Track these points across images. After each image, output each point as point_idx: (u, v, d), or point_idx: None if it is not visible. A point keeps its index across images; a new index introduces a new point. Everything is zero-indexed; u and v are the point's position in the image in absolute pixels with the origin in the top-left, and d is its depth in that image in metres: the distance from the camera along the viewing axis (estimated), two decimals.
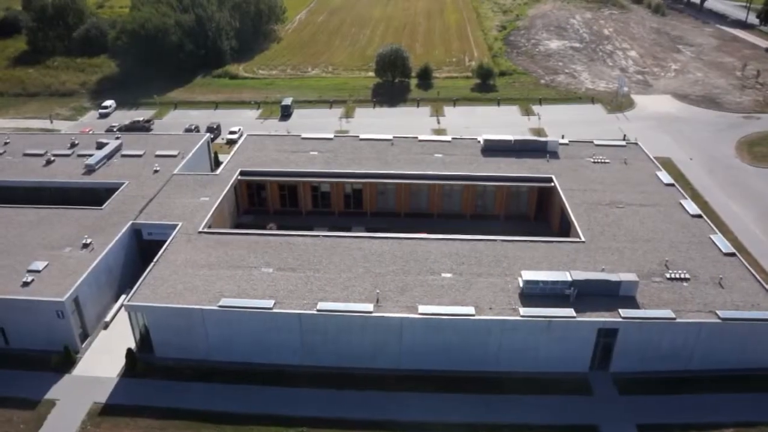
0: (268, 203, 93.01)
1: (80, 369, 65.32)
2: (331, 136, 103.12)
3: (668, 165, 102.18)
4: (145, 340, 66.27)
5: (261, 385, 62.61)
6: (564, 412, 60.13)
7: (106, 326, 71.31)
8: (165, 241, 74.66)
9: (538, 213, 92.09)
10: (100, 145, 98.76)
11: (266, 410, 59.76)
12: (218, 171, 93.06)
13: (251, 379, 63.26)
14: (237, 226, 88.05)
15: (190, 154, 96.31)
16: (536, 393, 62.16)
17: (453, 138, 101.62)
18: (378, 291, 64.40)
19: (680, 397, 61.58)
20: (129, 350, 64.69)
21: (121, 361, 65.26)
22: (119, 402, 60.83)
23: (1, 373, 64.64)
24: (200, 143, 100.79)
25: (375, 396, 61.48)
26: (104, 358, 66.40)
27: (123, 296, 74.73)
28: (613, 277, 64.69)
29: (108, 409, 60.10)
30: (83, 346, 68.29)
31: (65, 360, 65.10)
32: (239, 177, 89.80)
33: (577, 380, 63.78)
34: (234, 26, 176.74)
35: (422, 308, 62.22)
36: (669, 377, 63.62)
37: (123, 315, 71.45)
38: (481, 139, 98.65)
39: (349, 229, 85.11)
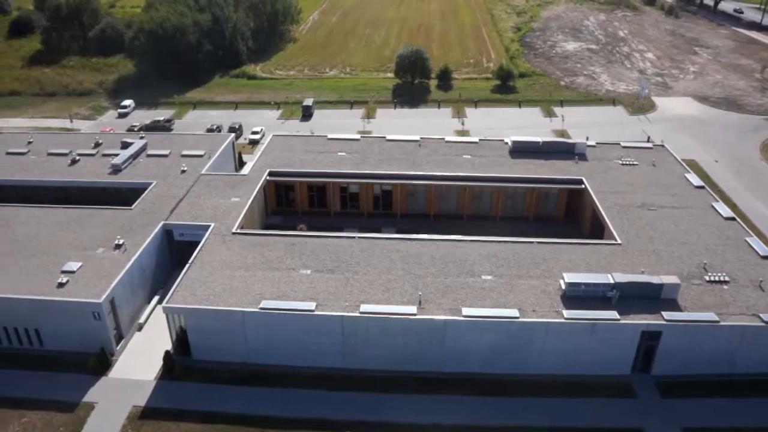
0: (296, 204, 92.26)
1: (117, 371, 64.62)
2: (358, 137, 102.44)
3: (694, 167, 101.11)
4: (182, 342, 65.44)
5: (302, 388, 61.86)
6: (608, 415, 59.54)
7: (140, 328, 70.61)
8: (196, 242, 74.11)
9: (567, 215, 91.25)
10: (125, 145, 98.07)
11: (309, 414, 59.14)
12: (246, 171, 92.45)
13: (292, 382, 62.53)
14: (266, 227, 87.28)
15: (217, 154, 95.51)
16: (579, 396, 61.65)
17: (480, 139, 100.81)
18: (420, 293, 63.60)
19: (724, 401, 61.06)
20: (167, 353, 63.83)
21: (157, 364, 64.55)
22: (159, 405, 60.08)
23: (37, 375, 64.03)
24: (226, 143, 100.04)
25: (418, 399, 60.77)
26: (140, 361, 65.67)
27: (156, 297, 74.24)
28: (655, 279, 64.07)
29: (148, 413, 59.35)
30: (118, 348, 67.44)
31: (101, 362, 64.35)
32: (267, 177, 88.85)
33: (619, 383, 63.21)
34: (250, 26, 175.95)
35: (466, 310, 61.52)
36: (711, 380, 63.06)
37: (156, 316, 71.16)
38: (508, 140, 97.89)
39: (378, 231, 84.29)
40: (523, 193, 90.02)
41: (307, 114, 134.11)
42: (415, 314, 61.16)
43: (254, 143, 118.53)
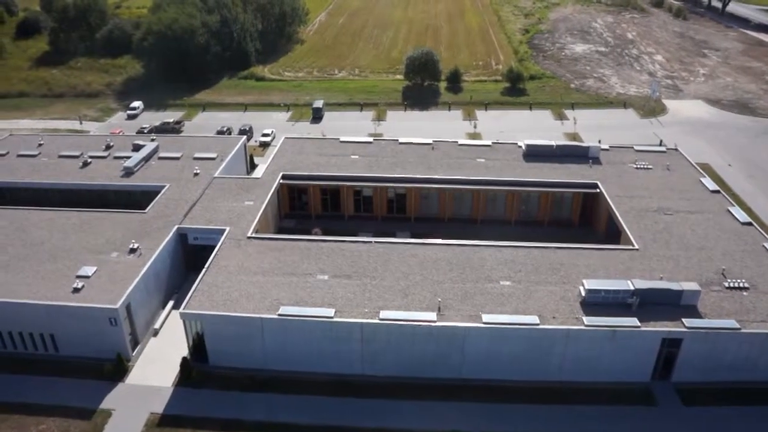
0: (310, 207, 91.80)
1: (133, 377, 64.03)
2: (371, 139, 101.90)
3: (707, 170, 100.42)
4: (198, 348, 64.84)
5: (321, 395, 61.30)
6: (630, 422, 58.99)
7: (155, 333, 70.04)
8: (211, 246, 73.75)
9: (581, 219, 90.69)
10: (137, 147, 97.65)
11: (329, 421, 58.58)
12: (259, 174, 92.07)
13: (311, 389, 61.94)
14: (279, 231, 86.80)
15: (229, 157, 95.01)
16: (599, 403, 61.07)
17: (493, 143, 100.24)
18: (439, 299, 63.07)
19: (746, 409, 60.36)
20: (184, 359, 63.28)
21: (174, 370, 64.04)
22: (177, 412, 59.46)
23: (52, 381, 63.51)
24: (238, 146, 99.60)
25: (437, 406, 60.19)
26: (157, 367, 65.15)
27: (171, 302, 73.74)
28: (675, 286, 63.54)
29: (166, 420, 58.77)
30: (134, 353, 66.92)
31: (118, 368, 63.79)
32: (281, 180, 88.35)
33: (639, 390, 62.64)
34: (258, 28, 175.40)
35: (486, 317, 60.99)
36: (732, 388, 62.38)
37: (171, 322, 70.68)
38: (522, 144, 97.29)
39: (393, 235, 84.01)
40: (537, 196, 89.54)
41: (317, 116, 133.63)
42: (435, 321, 60.63)
43: (265, 145, 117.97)
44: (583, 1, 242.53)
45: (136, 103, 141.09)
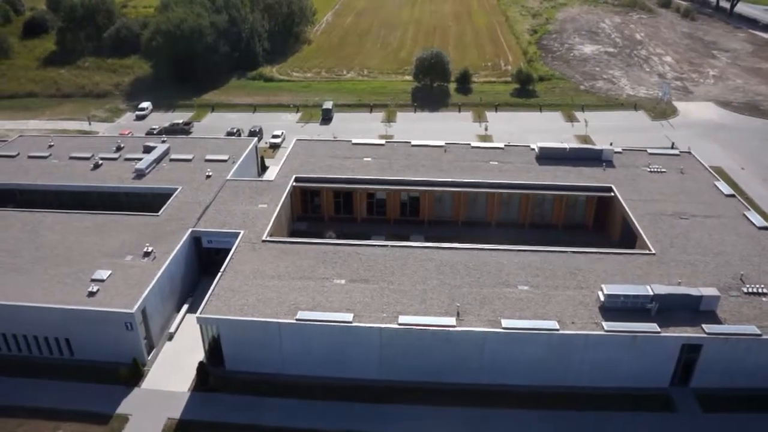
0: (322, 210, 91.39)
1: (149, 382, 63.69)
2: (383, 142, 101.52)
3: (720, 174, 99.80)
4: (214, 352, 64.44)
5: (340, 400, 60.86)
6: (649, 428, 58.71)
7: (170, 337, 69.68)
8: (225, 249, 73.48)
9: (595, 222, 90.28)
10: (148, 149, 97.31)
11: (347, 426, 58.24)
12: (271, 176, 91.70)
13: (329, 394, 61.54)
14: (292, 234, 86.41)
15: (241, 159, 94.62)
16: (619, 409, 60.71)
17: (506, 145, 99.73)
18: (458, 304, 62.66)
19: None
20: (201, 363, 62.89)
21: (190, 374, 63.70)
22: (194, 418, 59.11)
23: (68, 385, 63.21)
24: (249, 148, 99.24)
25: (455, 412, 59.83)
26: (172, 371, 64.83)
27: (185, 306, 73.39)
28: (694, 291, 63.13)
29: (184, 426, 58.41)
30: (149, 358, 66.54)
31: (134, 373, 63.39)
32: (293, 183, 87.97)
33: (658, 396, 62.20)
34: (265, 28, 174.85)
35: (505, 322, 60.58)
36: (752, 394, 61.93)
37: (186, 326, 70.38)
38: (535, 146, 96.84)
39: (407, 238, 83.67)
40: (551, 200, 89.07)
41: (326, 117, 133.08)
42: (454, 326, 60.20)
43: (275, 147, 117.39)
44: (590, 1, 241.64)
45: (145, 104, 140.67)
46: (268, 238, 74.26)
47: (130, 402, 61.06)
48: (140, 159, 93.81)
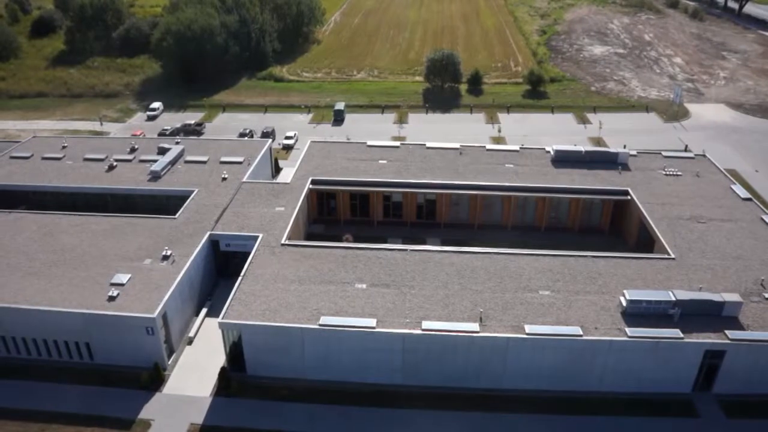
0: (338, 213, 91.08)
1: (170, 387, 63.37)
2: (398, 144, 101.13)
3: (735, 177, 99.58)
4: (235, 357, 64.15)
5: (363, 405, 60.60)
6: None
7: (190, 342, 69.40)
8: (243, 253, 73.26)
9: (611, 226, 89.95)
10: (162, 151, 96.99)
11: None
12: (286, 178, 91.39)
13: (351, 399, 61.24)
14: (308, 237, 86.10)
15: (257, 161, 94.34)
16: (641, 414, 60.42)
17: (521, 147, 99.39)
18: (481, 309, 62.38)
19: None
20: (222, 368, 62.65)
21: (211, 379, 63.49)
22: (217, 423, 58.82)
23: (89, 390, 62.94)
24: (264, 149, 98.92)
25: (477, 417, 59.64)
26: (193, 376, 64.56)
27: (204, 310, 73.14)
28: (717, 297, 62.90)
29: (206, 431, 57.92)
30: (170, 362, 66.30)
31: (155, 378, 63.15)
32: (310, 186, 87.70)
33: (680, 401, 61.92)
34: (275, 28, 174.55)
35: (529, 328, 60.32)
36: None
37: (204, 330, 70.15)
38: (551, 149, 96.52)
39: (423, 241, 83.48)
40: (568, 203, 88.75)
41: (338, 118, 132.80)
42: (478, 332, 59.94)
43: (288, 148, 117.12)
44: (598, 2, 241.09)
45: (156, 104, 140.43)
46: (287, 242, 73.89)
47: (151, 407, 60.70)
48: (155, 160, 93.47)
